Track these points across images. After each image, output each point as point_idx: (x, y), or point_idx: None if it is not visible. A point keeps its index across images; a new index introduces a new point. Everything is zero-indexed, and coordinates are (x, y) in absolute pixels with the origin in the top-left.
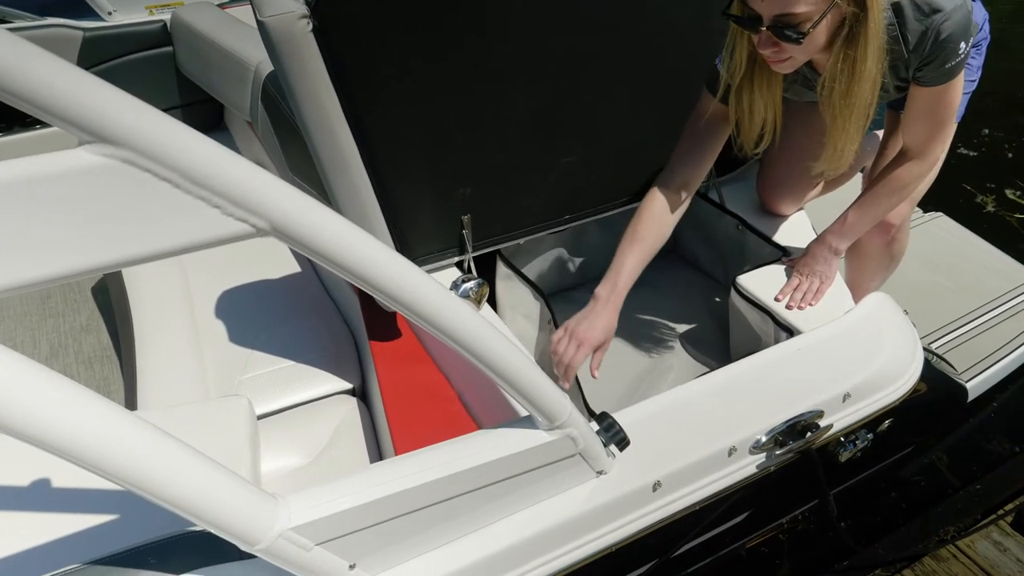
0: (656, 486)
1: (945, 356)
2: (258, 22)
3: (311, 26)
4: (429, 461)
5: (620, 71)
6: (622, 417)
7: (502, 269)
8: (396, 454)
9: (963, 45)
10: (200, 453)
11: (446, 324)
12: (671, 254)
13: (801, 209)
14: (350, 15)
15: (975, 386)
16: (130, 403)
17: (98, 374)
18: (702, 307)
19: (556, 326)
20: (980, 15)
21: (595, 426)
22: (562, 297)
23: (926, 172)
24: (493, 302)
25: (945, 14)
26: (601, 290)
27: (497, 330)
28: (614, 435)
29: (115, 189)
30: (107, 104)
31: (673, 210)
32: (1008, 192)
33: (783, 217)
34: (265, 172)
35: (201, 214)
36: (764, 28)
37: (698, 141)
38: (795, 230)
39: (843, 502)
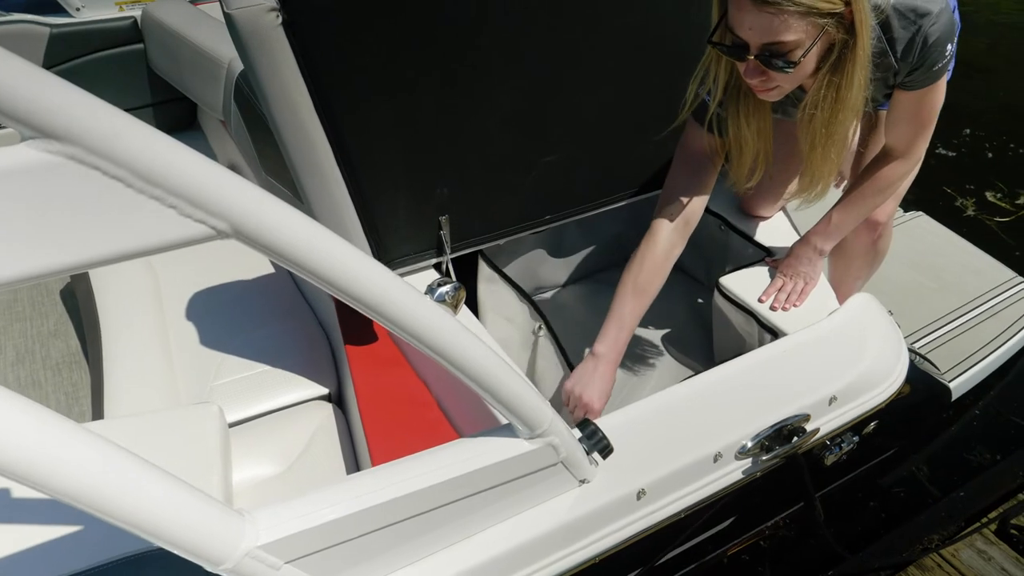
0: (640, 494)
1: (928, 356)
2: (225, 15)
3: (281, 19)
4: (405, 472)
5: (603, 68)
6: (604, 423)
7: (485, 270)
8: (372, 462)
9: (950, 46)
10: (158, 468)
11: (421, 330)
12: None
13: (782, 209)
14: (322, 7)
15: (958, 386)
16: (97, 411)
17: (66, 380)
18: (684, 308)
19: (551, 330)
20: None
21: (577, 433)
22: (543, 298)
23: (911, 170)
24: (474, 304)
25: (932, 17)
26: (600, 346)
27: (475, 336)
28: (597, 442)
29: (61, 188)
30: (50, 96)
31: (674, 253)
32: (988, 195)
33: (765, 217)
34: (226, 170)
35: (156, 215)
36: (751, 57)
37: (691, 173)
38: (777, 230)
39: (826, 508)
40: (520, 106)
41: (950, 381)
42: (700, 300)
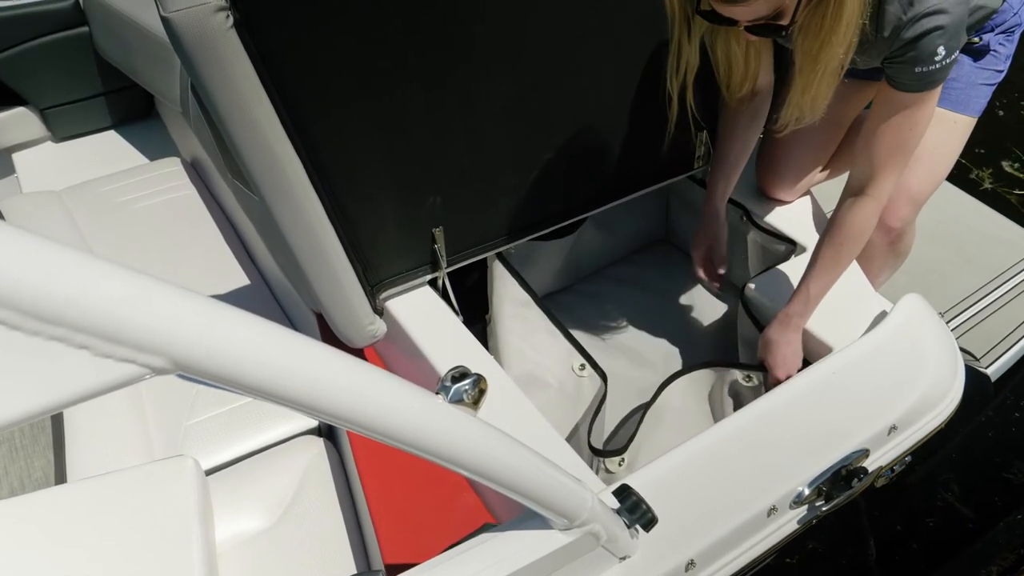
0: (689, 566)
1: (963, 343)
2: (162, 19)
3: (232, 20)
4: None
5: (611, 51)
6: (638, 479)
7: (511, 289)
8: (370, 514)
9: (942, 51)
10: None
11: (444, 450)
12: (665, 244)
13: (807, 194)
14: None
15: (995, 371)
16: (59, 455)
17: None
18: (706, 304)
19: (595, 366)
20: None
21: (615, 503)
22: (549, 300)
23: (877, 214)
24: (472, 300)
25: (931, 6)
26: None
27: (505, 435)
28: (640, 516)
29: None
30: None
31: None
32: (1005, 165)
33: (789, 203)
34: (155, 283)
35: (60, 361)
36: (743, 28)
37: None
38: (804, 217)
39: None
40: (518, 99)
41: (987, 367)
42: (721, 295)
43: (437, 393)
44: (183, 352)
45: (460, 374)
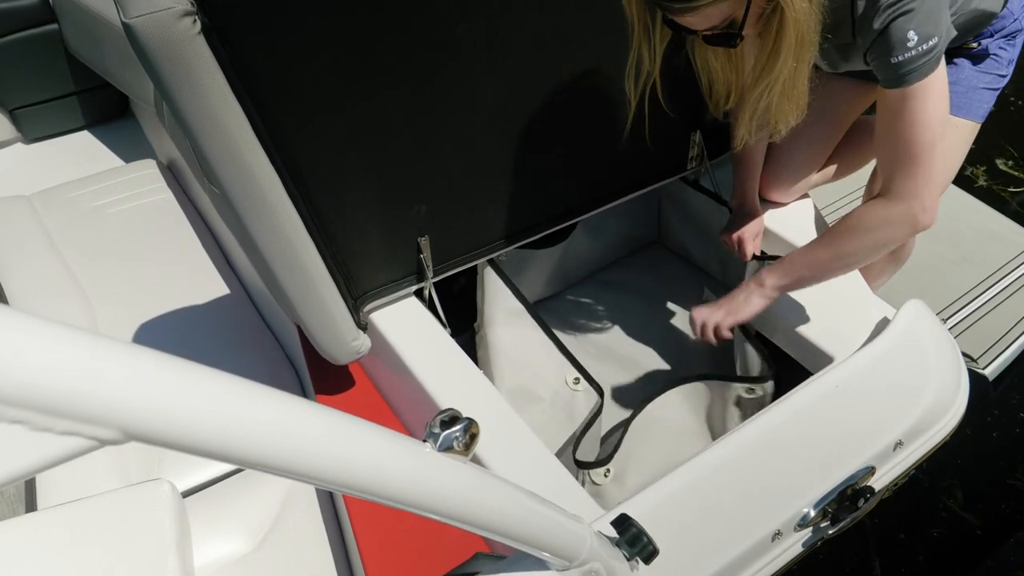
0: None
1: (961, 344)
2: (123, 25)
3: (199, 26)
4: None
5: (594, 53)
6: (636, 506)
7: (505, 300)
8: (356, 538)
9: (913, 36)
10: None
11: (438, 506)
12: (656, 246)
13: (806, 196)
14: (254, 4)
15: (993, 371)
16: (28, 485)
17: None
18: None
19: (590, 380)
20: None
21: (612, 533)
22: (540, 308)
23: (895, 217)
24: (463, 307)
25: None
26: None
27: (501, 481)
28: (641, 549)
29: None
30: None
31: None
32: (999, 162)
33: (786, 204)
34: (98, 342)
35: None
36: (699, 37)
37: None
38: (802, 219)
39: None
40: (505, 102)
41: (984, 368)
42: (716, 296)
43: (425, 440)
44: (134, 421)
45: (450, 418)
